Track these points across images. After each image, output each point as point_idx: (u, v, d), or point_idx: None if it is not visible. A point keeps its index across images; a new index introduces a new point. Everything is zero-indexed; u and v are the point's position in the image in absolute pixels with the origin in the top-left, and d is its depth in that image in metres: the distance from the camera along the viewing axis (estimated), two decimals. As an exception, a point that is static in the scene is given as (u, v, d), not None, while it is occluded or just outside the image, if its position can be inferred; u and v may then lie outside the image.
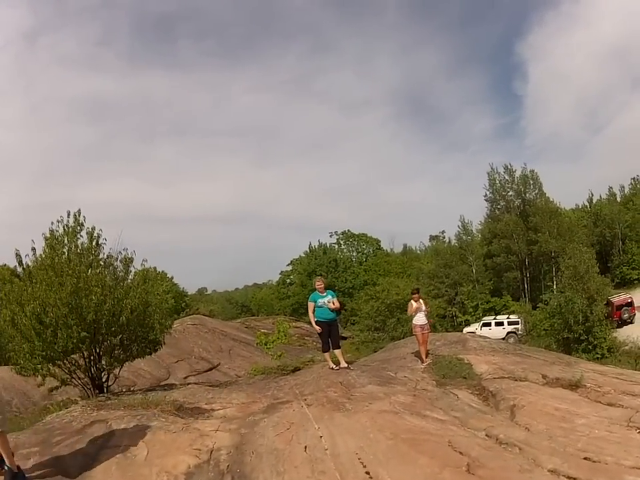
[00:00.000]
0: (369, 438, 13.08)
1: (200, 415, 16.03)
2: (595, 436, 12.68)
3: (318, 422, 14.44)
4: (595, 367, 23.02)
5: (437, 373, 21.10)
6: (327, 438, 13.27)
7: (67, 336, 19.99)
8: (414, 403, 16.50)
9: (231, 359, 55.63)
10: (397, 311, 55.29)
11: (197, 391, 20.82)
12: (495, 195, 77.52)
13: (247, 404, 17.36)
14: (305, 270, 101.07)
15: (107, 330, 21.66)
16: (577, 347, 41.87)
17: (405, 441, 12.84)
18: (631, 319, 54.12)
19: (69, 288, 20.42)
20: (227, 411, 16.48)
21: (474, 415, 15.69)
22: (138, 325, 23.10)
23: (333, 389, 17.94)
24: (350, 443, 12.88)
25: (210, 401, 17.91)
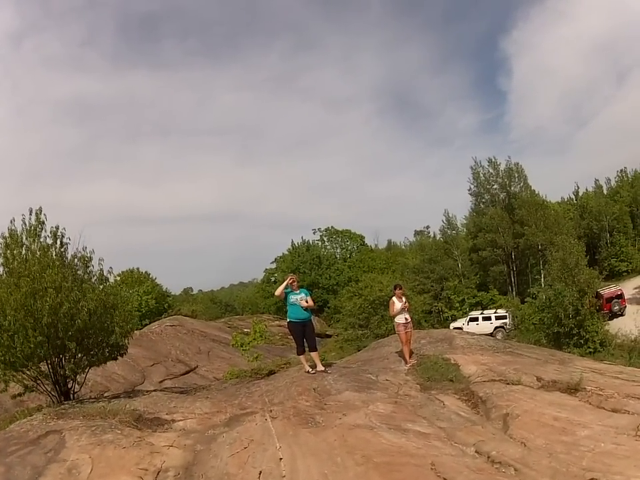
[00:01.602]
0: (335, 462, 11.46)
1: (159, 427, 15.29)
2: (601, 450, 11.10)
3: (280, 439, 13.12)
4: (591, 365, 21.64)
5: (421, 375, 19.83)
6: (288, 461, 11.87)
7: (24, 340, 19.06)
8: (394, 414, 15.07)
9: (209, 360, 54.65)
10: (381, 308, 53.64)
11: (160, 399, 20.02)
12: (480, 188, 77.10)
13: (210, 414, 16.52)
14: (288, 268, 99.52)
15: (64, 334, 20.25)
16: (567, 341, 40.64)
17: (377, 467, 11.12)
18: (621, 312, 53.97)
19: (24, 289, 19.45)
20: (187, 423, 15.72)
21: (462, 425, 14.15)
22: (98, 329, 21.72)
23: (304, 397, 16.75)
24: (313, 468, 11.36)
25: (172, 411, 17.10)
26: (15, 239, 21.44)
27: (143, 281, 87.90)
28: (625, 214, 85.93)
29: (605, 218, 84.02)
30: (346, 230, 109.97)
